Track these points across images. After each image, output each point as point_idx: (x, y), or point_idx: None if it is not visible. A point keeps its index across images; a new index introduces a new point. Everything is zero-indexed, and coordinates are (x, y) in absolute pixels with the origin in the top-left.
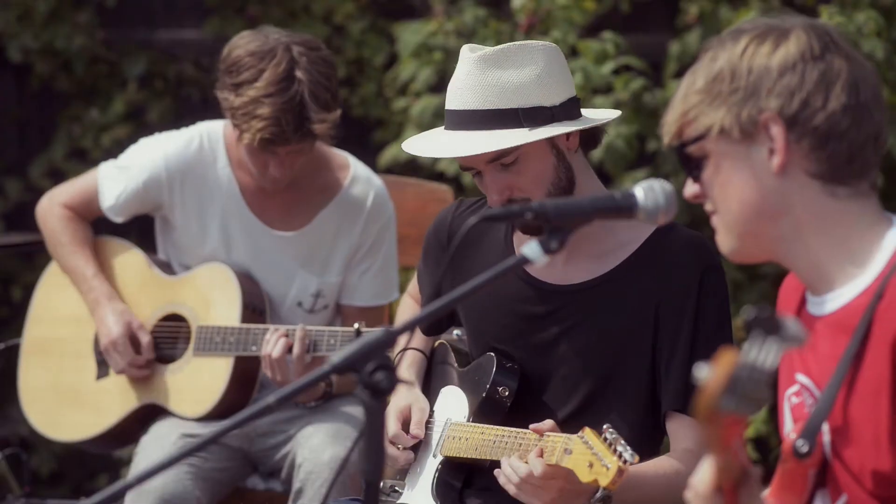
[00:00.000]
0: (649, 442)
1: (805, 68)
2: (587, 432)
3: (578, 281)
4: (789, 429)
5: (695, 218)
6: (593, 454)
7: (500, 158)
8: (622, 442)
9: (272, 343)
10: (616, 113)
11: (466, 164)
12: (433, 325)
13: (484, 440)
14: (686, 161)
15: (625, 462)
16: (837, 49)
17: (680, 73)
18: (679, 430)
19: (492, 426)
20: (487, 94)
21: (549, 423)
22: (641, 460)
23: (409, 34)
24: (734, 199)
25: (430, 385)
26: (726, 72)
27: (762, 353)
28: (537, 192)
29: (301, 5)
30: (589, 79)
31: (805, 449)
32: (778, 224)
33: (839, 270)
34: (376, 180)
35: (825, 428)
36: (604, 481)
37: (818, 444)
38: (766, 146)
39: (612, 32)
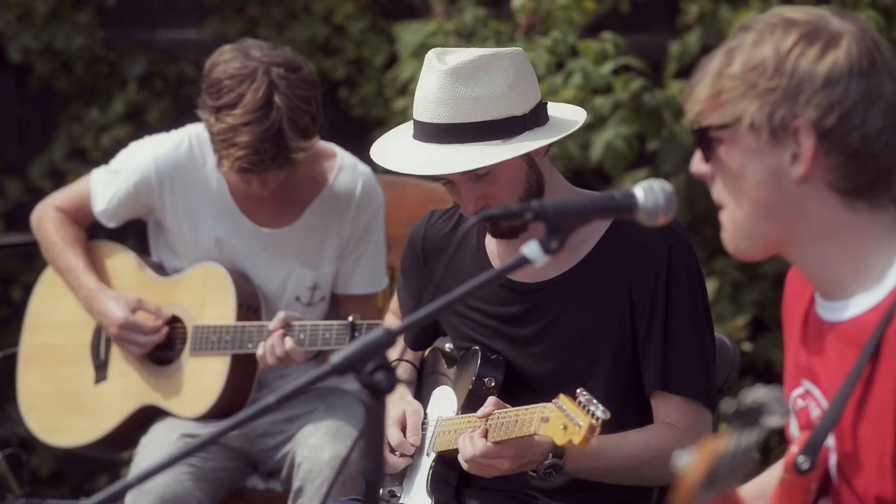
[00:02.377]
0: (641, 421)
1: (850, 84)
2: (561, 398)
3: (550, 276)
4: (794, 431)
5: (695, 217)
6: (567, 417)
7: (473, 170)
8: (595, 402)
9: (279, 346)
10: (583, 112)
11: (440, 175)
12: (419, 339)
13: (471, 427)
14: (702, 139)
15: (597, 419)
16: (885, 66)
17: (680, 74)
18: (660, 406)
19: (479, 414)
20: (461, 107)
21: (491, 400)
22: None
23: (409, 34)
24: (747, 194)
25: (422, 391)
26: (769, 64)
27: (743, 441)
28: (510, 199)
29: (301, 5)
30: (589, 79)
31: (806, 466)
32: (790, 228)
33: (852, 280)
34: (363, 168)
35: (832, 445)
36: (577, 440)
37: (821, 460)
38: (790, 150)
39: (611, 32)
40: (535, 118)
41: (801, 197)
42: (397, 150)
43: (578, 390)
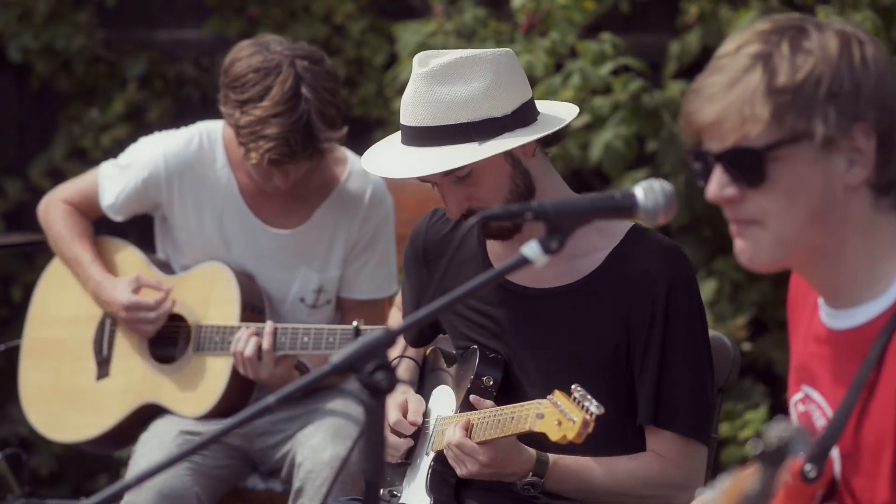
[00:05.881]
0: (634, 433)
1: (889, 77)
2: (556, 394)
3: (552, 285)
4: None
5: (695, 217)
6: (561, 412)
7: (453, 172)
8: (589, 397)
9: (243, 341)
10: (574, 110)
11: (422, 178)
12: (420, 337)
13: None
14: (746, 160)
15: (591, 414)
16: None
17: (680, 74)
18: (652, 438)
19: (475, 412)
20: (436, 110)
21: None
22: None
23: (409, 34)
24: (802, 207)
25: (422, 390)
26: (823, 70)
27: (769, 481)
28: (494, 201)
29: (301, 5)
30: (588, 80)
31: (813, 474)
32: (832, 235)
33: (864, 287)
34: (374, 175)
35: (835, 453)
36: (570, 435)
37: (827, 468)
38: (844, 156)
39: (611, 33)
40: (519, 119)
41: (847, 201)
42: (383, 154)
43: (573, 385)
